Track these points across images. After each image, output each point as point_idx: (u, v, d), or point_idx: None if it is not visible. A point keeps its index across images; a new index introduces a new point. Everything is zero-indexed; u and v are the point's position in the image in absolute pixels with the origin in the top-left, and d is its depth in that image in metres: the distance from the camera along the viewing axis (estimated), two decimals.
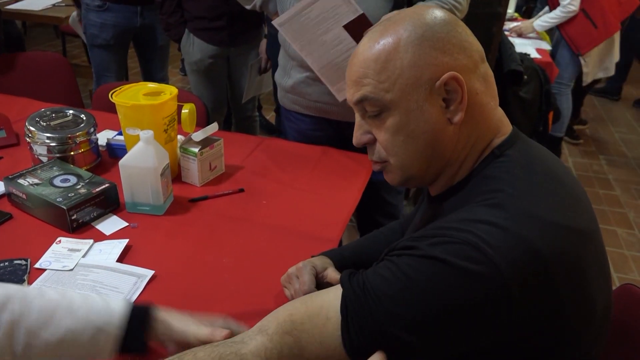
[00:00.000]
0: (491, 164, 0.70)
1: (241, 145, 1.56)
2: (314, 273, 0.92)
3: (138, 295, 0.97)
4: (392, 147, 0.72)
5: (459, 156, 0.72)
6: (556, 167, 0.71)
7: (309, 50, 1.43)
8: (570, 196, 0.67)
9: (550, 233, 0.60)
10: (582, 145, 3.69)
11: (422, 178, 0.75)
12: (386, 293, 0.62)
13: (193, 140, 1.32)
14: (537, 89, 2.22)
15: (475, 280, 0.58)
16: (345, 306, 0.64)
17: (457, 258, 0.59)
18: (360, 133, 0.75)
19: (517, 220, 0.60)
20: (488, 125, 0.72)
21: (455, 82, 0.67)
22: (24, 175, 1.21)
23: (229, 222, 1.20)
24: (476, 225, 0.61)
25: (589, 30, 2.94)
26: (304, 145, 1.58)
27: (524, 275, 0.58)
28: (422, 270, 0.61)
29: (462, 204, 0.67)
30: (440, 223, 0.66)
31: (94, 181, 1.21)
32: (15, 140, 1.50)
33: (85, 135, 1.34)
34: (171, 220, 1.20)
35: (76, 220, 1.13)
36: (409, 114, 0.69)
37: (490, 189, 0.66)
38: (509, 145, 0.71)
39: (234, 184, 1.36)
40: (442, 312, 0.60)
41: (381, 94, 0.69)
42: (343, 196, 1.32)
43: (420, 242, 0.64)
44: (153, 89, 1.33)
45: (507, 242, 0.59)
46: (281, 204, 1.29)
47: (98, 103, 1.87)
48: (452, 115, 0.69)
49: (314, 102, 1.56)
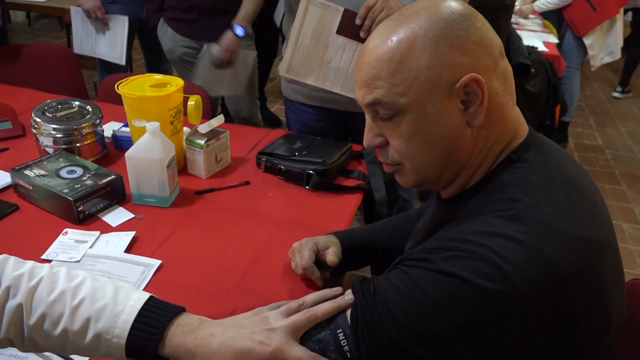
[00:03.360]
0: (507, 169, 0.67)
1: (247, 137, 1.56)
2: (314, 250, 0.95)
3: (146, 284, 0.97)
4: (406, 152, 0.68)
5: (475, 160, 0.68)
6: (573, 170, 0.68)
7: (324, 78, 1.42)
8: (588, 204, 0.65)
9: (569, 247, 0.58)
10: (588, 140, 3.68)
11: (436, 182, 0.72)
12: (397, 303, 0.61)
13: (199, 132, 1.32)
14: (545, 82, 2.20)
15: (490, 298, 0.56)
16: (355, 313, 0.63)
17: (473, 275, 0.57)
18: (371, 136, 0.71)
19: (536, 234, 0.58)
20: (506, 127, 0.68)
21: (475, 84, 0.63)
22: (30, 167, 1.21)
23: (235, 215, 1.20)
24: (493, 239, 0.58)
25: (588, 12, 3.04)
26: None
27: (541, 292, 0.56)
28: (436, 285, 0.59)
29: (476, 211, 0.65)
30: (453, 233, 0.64)
31: (100, 173, 1.21)
32: (21, 132, 1.50)
33: (91, 126, 1.34)
34: (177, 212, 1.20)
35: (82, 212, 1.13)
36: (426, 118, 0.65)
37: (507, 198, 0.63)
38: (526, 149, 0.68)
39: (240, 177, 1.35)
40: (455, 328, 0.58)
41: (395, 97, 0.64)
42: (349, 189, 1.32)
43: (434, 254, 0.61)
44: (159, 81, 1.33)
45: (525, 258, 0.56)
46: (287, 196, 1.29)
47: (103, 94, 1.87)
48: (471, 118, 0.65)
49: (316, 92, 1.54)
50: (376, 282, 0.65)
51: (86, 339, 0.65)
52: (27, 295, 0.65)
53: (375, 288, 0.64)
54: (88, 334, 0.65)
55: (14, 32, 5.18)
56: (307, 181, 1.31)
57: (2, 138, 1.46)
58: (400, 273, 0.63)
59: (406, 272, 0.63)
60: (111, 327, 0.65)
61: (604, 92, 4.57)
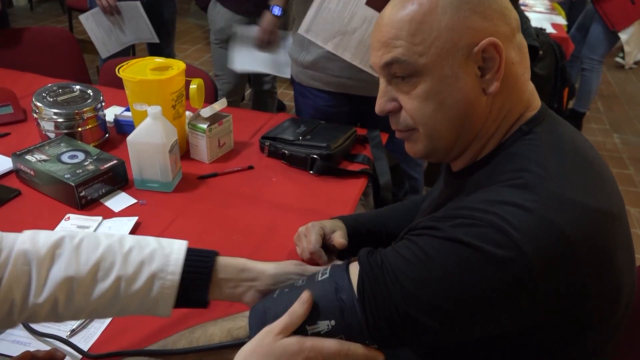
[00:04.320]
0: (519, 140, 0.66)
1: (250, 121, 1.54)
2: (321, 234, 0.94)
3: None
4: (420, 116, 0.67)
5: (489, 129, 0.68)
6: (584, 146, 0.68)
7: (344, 47, 1.39)
8: (598, 177, 0.64)
9: (578, 216, 0.57)
10: (595, 123, 3.63)
11: (448, 151, 0.71)
12: (405, 272, 0.60)
13: (201, 116, 1.30)
14: (553, 64, 2.16)
15: (499, 265, 0.55)
16: (362, 284, 0.62)
17: (482, 241, 0.56)
18: (384, 100, 0.70)
19: (544, 202, 0.57)
20: (520, 98, 0.68)
21: (493, 49, 0.63)
22: (32, 152, 1.20)
23: (238, 200, 1.19)
24: (502, 207, 0.57)
25: (626, 6, 2.86)
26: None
27: (551, 259, 0.56)
28: (444, 252, 0.58)
29: (485, 182, 0.65)
30: (462, 202, 0.63)
31: (102, 158, 1.19)
32: (23, 117, 1.49)
33: (92, 111, 1.32)
34: (180, 197, 1.19)
35: (85, 197, 1.12)
36: (442, 80, 0.65)
37: (517, 168, 0.62)
38: (538, 122, 0.67)
39: (243, 161, 1.34)
40: (463, 296, 0.57)
41: (414, 57, 0.64)
42: (354, 174, 1.30)
43: (442, 222, 0.61)
44: (160, 64, 1.31)
45: (534, 225, 0.56)
46: (291, 181, 1.27)
47: (105, 79, 1.85)
48: (487, 84, 0.65)
49: (335, 78, 1.52)
50: (383, 253, 0.64)
51: (139, 282, 0.68)
52: (74, 252, 0.67)
53: (382, 259, 0.63)
54: (142, 276, 0.68)
55: (16, 16, 5.15)
56: (311, 166, 1.29)
57: (3, 123, 1.45)
58: (408, 243, 0.62)
59: (413, 241, 0.62)
60: (165, 265, 0.69)
61: (612, 75, 4.51)
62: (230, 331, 0.69)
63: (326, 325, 0.62)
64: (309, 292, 0.64)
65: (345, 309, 0.61)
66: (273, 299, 0.68)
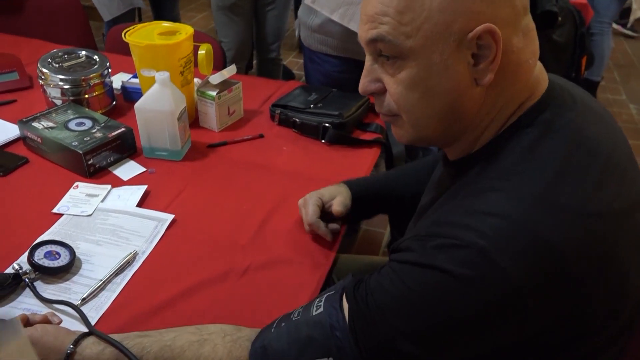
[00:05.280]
0: (516, 134, 0.60)
1: (260, 89, 1.50)
2: (319, 204, 0.93)
3: (159, 239, 0.95)
4: (404, 103, 0.62)
5: (481, 122, 0.62)
6: (597, 132, 0.61)
7: (350, 17, 1.34)
8: (608, 170, 0.58)
9: (571, 224, 0.53)
10: (612, 94, 3.54)
11: (435, 141, 0.66)
12: (389, 307, 0.58)
13: (210, 83, 1.27)
14: (572, 31, 2.08)
15: (479, 289, 0.53)
16: (352, 322, 0.61)
17: (462, 267, 0.53)
18: (368, 80, 0.65)
19: (533, 212, 0.53)
20: (520, 88, 0.61)
21: (490, 36, 0.56)
22: (39, 119, 1.17)
23: (249, 169, 1.17)
24: (485, 220, 0.54)
25: None
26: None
27: (538, 276, 0.52)
28: (422, 282, 0.56)
29: (474, 180, 0.61)
30: (446, 211, 0.60)
31: (109, 125, 1.17)
32: (29, 83, 1.46)
33: (99, 77, 1.29)
34: (190, 166, 1.17)
35: (93, 165, 1.11)
36: (430, 67, 0.58)
37: (508, 169, 0.58)
38: (541, 110, 0.61)
39: (253, 129, 1.31)
40: (446, 323, 0.55)
41: (400, 38, 0.57)
42: (367, 143, 1.27)
43: (424, 242, 0.58)
44: (168, 29, 1.27)
45: (519, 242, 0.52)
46: (302, 150, 1.25)
47: (111, 46, 1.82)
48: (480, 75, 0.58)
49: (343, 42, 1.47)
50: (368, 285, 0.62)
51: None
52: None
53: (367, 293, 0.61)
54: None
55: None
56: (323, 135, 1.26)
57: (9, 90, 1.43)
58: (390, 272, 0.60)
59: (395, 271, 0.60)
60: None
61: (629, 45, 4.38)
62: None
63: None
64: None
65: (341, 347, 0.60)
66: (271, 334, 0.67)
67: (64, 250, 0.89)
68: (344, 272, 1.11)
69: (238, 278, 0.88)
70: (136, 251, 0.92)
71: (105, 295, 0.84)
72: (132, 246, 0.93)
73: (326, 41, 1.51)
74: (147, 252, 0.92)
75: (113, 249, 0.92)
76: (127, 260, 0.89)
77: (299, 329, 0.64)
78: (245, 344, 0.67)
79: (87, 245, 0.93)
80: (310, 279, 0.88)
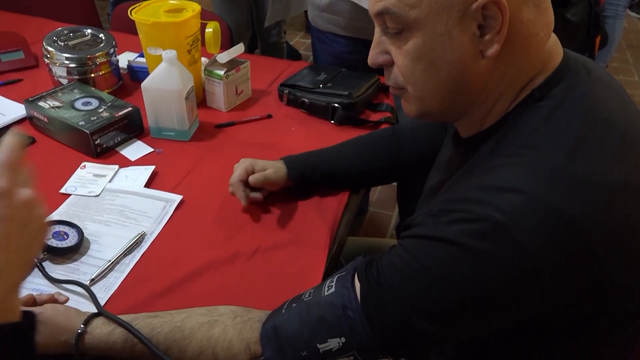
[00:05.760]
0: (528, 109, 0.59)
1: (267, 69, 1.48)
2: (248, 170, 0.95)
3: (167, 220, 0.94)
4: (410, 75, 0.61)
5: (489, 95, 0.61)
6: (614, 107, 0.59)
7: None
8: (625, 145, 0.57)
9: (590, 196, 0.52)
10: (624, 75, 3.49)
11: (442, 114, 0.66)
12: (402, 285, 0.57)
13: (218, 62, 1.25)
14: (586, 10, 2.03)
15: (494, 263, 0.51)
16: (365, 302, 0.60)
17: (476, 240, 0.52)
18: (376, 52, 0.64)
19: (550, 185, 0.52)
20: (531, 61, 0.59)
21: (495, 6, 0.54)
22: (45, 98, 1.16)
23: (257, 149, 1.15)
24: (500, 196, 0.53)
25: None
26: None
27: (557, 252, 0.51)
28: (436, 257, 0.55)
29: (489, 156, 0.59)
30: (460, 188, 0.58)
31: (116, 104, 1.15)
32: (34, 62, 1.45)
33: (105, 56, 1.27)
34: (197, 147, 1.16)
35: (100, 145, 1.09)
36: (434, 38, 0.57)
37: (523, 143, 0.56)
38: (555, 83, 0.59)
39: (262, 110, 1.29)
40: (460, 299, 0.54)
41: (405, 9, 0.57)
42: (377, 123, 1.25)
43: (438, 218, 0.57)
44: (174, 6, 1.24)
45: (537, 216, 0.51)
46: (311, 131, 1.23)
47: (117, 24, 1.79)
48: (485, 46, 0.57)
49: (352, 21, 1.44)
50: (380, 264, 0.61)
51: None
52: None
53: (378, 272, 0.60)
54: None
55: None
56: (332, 115, 1.24)
57: (14, 69, 1.41)
58: (402, 250, 0.59)
59: (406, 248, 0.59)
60: None
61: None
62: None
63: (337, 343, 0.60)
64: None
65: (354, 326, 0.60)
66: (282, 315, 0.66)
67: (72, 230, 0.88)
68: (351, 255, 1.11)
69: (247, 259, 0.88)
70: (144, 232, 0.91)
71: (114, 276, 0.83)
72: (141, 227, 0.92)
73: (335, 20, 1.48)
74: (156, 233, 0.91)
75: (121, 230, 0.91)
76: (136, 240, 0.89)
77: (311, 309, 0.63)
78: (256, 325, 0.67)
79: (95, 225, 0.92)
80: (319, 260, 0.88)
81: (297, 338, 0.63)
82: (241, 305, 0.72)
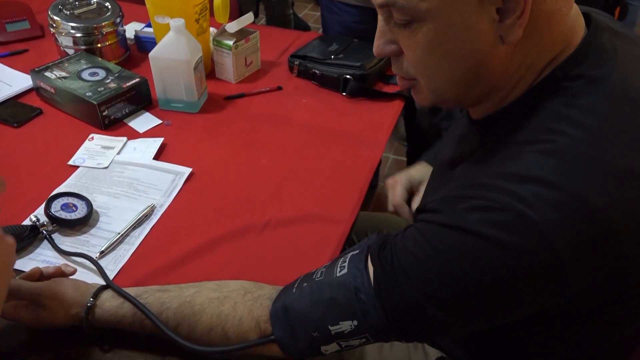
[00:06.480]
0: (550, 90, 0.54)
1: (277, 40, 1.44)
2: (407, 187, 0.94)
3: (177, 193, 0.93)
4: (422, 68, 0.56)
5: (509, 80, 0.57)
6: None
7: None
8: None
9: (619, 185, 0.49)
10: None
11: (458, 102, 0.61)
12: (415, 271, 0.55)
13: (227, 31, 1.21)
14: None
15: (516, 254, 0.48)
16: (377, 285, 0.57)
17: (495, 229, 0.49)
18: (382, 42, 0.58)
19: (577, 173, 0.49)
20: (554, 40, 0.54)
21: None
22: (51, 68, 1.14)
23: (267, 121, 1.13)
24: (524, 186, 0.49)
25: None
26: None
27: (583, 244, 0.48)
28: (452, 245, 0.52)
29: (511, 137, 0.55)
30: (481, 172, 0.54)
31: (123, 75, 1.13)
32: (40, 32, 1.42)
33: (111, 25, 1.24)
34: (206, 119, 1.13)
35: (108, 117, 1.08)
36: (449, 29, 0.51)
37: (546, 128, 0.52)
38: (579, 61, 0.54)
39: (272, 82, 1.26)
40: (476, 289, 0.52)
41: (414, 1, 0.51)
42: (389, 95, 1.22)
43: (455, 204, 0.53)
44: None
45: (563, 207, 0.48)
46: (322, 103, 1.20)
47: None
48: (506, 32, 0.51)
49: None
50: (393, 245, 0.58)
51: None
52: None
53: (392, 254, 0.57)
54: None
55: None
56: (343, 87, 1.21)
57: (20, 39, 1.38)
58: (416, 233, 0.56)
59: (422, 233, 0.55)
60: None
61: None
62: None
63: (349, 325, 0.59)
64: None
65: (366, 310, 0.58)
66: (292, 294, 0.64)
67: (81, 202, 0.87)
68: (362, 229, 1.09)
69: (258, 233, 0.86)
70: (154, 204, 0.90)
71: (124, 249, 0.82)
72: (150, 199, 0.91)
73: None
74: (165, 206, 0.90)
75: (130, 202, 0.90)
76: (145, 213, 0.87)
77: (322, 290, 0.61)
78: (266, 303, 0.65)
79: (104, 198, 0.91)
80: (332, 235, 0.86)
81: (308, 318, 0.61)
82: (252, 279, 0.70)
